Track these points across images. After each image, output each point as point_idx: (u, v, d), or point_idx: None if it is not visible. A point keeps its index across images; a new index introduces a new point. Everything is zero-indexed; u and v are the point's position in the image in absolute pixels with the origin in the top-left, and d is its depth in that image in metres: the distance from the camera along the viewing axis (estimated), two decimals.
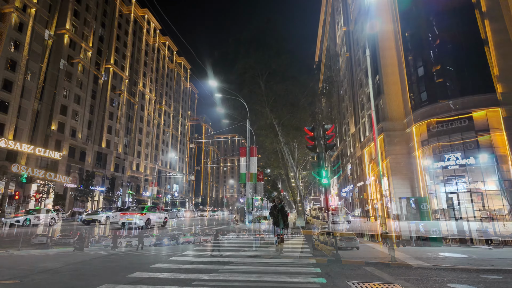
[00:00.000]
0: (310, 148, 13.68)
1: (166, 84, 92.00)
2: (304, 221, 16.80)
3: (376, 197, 34.88)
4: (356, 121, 44.74)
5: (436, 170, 25.69)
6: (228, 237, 12.37)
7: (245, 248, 9.11)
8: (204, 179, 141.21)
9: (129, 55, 72.40)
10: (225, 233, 14.83)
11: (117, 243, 11.33)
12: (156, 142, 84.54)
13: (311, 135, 13.70)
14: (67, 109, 51.66)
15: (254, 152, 22.73)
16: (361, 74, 39.84)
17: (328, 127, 13.56)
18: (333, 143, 13.61)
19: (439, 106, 25.39)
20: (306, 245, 9.91)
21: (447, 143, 24.89)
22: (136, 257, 8.87)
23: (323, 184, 13.71)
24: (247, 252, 8.78)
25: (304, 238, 11.48)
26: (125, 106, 69.18)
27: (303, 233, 13.53)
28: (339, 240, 23.94)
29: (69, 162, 50.49)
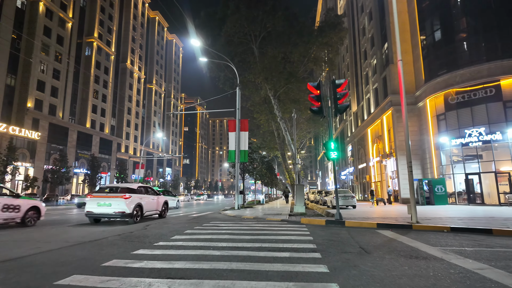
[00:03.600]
0: (314, 111, 10.27)
1: (156, 63, 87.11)
2: (303, 206, 13.54)
3: (382, 179, 31.89)
4: (358, 99, 41.25)
5: (453, 148, 22.52)
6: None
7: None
8: (199, 163, 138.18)
9: (115, 29, 67.35)
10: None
11: None
12: (147, 123, 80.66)
13: (317, 93, 10.26)
14: (45, 84, 47.41)
15: (245, 126, 19.27)
16: (366, 44, 36.03)
17: (339, 82, 10.11)
18: (346, 103, 10.20)
19: (460, 74, 21.94)
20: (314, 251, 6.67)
21: (468, 116, 21.61)
22: None
23: (331, 159, 10.36)
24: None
25: (307, 230, 8.15)
26: (112, 84, 64.81)
27: (303, 223, 10.25)
28: (334, 198, 20.99)
29: (50, 142, 46.82)
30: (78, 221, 12.07)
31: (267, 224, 10.51)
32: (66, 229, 9.36)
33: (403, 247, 5.90)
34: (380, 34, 31.40)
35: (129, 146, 71.14)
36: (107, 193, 11.23)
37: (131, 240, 6.88)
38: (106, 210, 10.60)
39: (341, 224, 9.81)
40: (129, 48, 72.36)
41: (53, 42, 49.21)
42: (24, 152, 43.01)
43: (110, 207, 10.59)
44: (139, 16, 78.45)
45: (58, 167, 29.45)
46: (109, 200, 10.70)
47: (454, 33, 23.16)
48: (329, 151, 10.50)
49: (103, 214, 10.66)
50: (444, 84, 22.85)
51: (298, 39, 23.03)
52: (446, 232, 8.15)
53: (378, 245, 6.16)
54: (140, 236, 7.51)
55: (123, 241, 6.84)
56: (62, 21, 51.44)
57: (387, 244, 6.37)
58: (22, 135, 41.98)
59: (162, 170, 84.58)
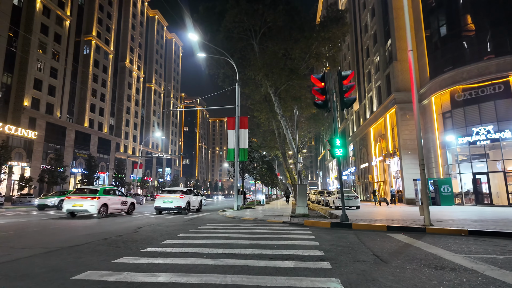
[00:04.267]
0: (319, 105, 9.56)
1: (156, 62, 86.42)
2: (306, 207, 12.83)
3: (385, 179, 31.16)
4: (360, 97, 40.53)
5: (459, 147, 21.79)
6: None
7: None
8: (199, 163, 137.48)
9: (114, 28, 66.66)
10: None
11: None
12: (147, 122, 79.96)
13: (321, 86, 9.54)
14: (42, 83, 46.71)
15: (244, 123, 18.55)
16: (369, 41, 35.31)
17: (346, 74, 9.39)
18: (352, 96, 9.48)
19: (467, 70, 21.20)
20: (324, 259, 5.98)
21: (475, 114, 20.87)
22: None
23: (337, 156, 9.65)
24: None
25: (311, 234, 7.44)
26: (110, 83, 64.13)
27: (307, 225, 9.53)
28: (337, 199, 20.34)
29: (47, 142, 46.11)
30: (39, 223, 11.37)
31: (268, 226, 9.80)
32: (45, 230, 8.65)
33: (423, 255, 5.18)
34: (383, 30, 30.68)
35: (128, 146, 70.46)
36: (168, 193, 16.57)
37: (116, 246, 6.17)
38: (168, 205, 15.87)
39: (347, 227, 9.10)
40: (128, 47, 71.67)
41: (50, 40, 48.53)
42: (20, 152, 42.33)
43: (171, 203, 15.86)
44: (138, 14, 77.79)
45: (54, 167, 28.69)
46: (171, 198, 16.05)
47: (461, 28, 22.43)
48: (334, 148, 9.78)
49: (167, 207, 15.93)
50: (450, 81, 22.13)
51: (299, 35, 22.30)
52: (465, 236, 7.42)
53: (394, 252, 5.44)
54: (128, 241, 6.80)
55: (107, 246, 6.13)
56: (59, 19, 50.76)
57: (403, 250, 5.65)
58: (18, 134, 41.28)
59: (161, 170, 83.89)
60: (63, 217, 14.28)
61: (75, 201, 13.28)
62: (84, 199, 13.33)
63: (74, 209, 13.35)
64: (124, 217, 14.35)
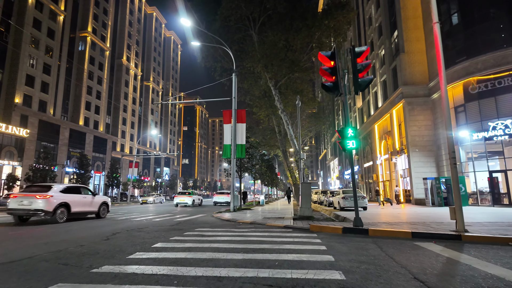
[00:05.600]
0: (328, 88, 8.03)
1: (153, 60, 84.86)
2: (310, 208, 11.30)
3: (391, 178, 29.63)
4: (364, 93, 38.98)
5: (474, 143, 20.25)
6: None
7: None
8: (199, 163, 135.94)
9: (111, 24, 65.13)
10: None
11: None
12: (144, 121, 78.40)
13: (330, 65, 8.00)
14: (35, 79, 45.17)
15: (242, 117, 17.00)
16: (373, 34, 33.76)
17: (360, 50, 7.87)
18: (368, 77, 7.95)
19: (482, 60, 19.66)
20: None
21: (492, 107, 19.34)
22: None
23: (349, 149, 8.13)
24: None
25: (321, 243, 5.90)
26: (107, 80, 62.60)
27: (313, 230, 7.97)
28: (342, 199, 18.78)
29: (40, 140, 44.58)
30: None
31: (268, 232, 8.27)
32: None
33: (485, 279, 3.65)
34: (389, 22, 29.14)
35: (125, 145, 68.95)
36: (184, 194, 28.10)
37: (65, 262, 4.63)
38: (185, 202, 26.71)
39: (363, 233, 7.57)
40: (125, 44, 70.15)
41: (44, 36, 46.99)
42: (11, 150, 40.82)
43: (186, 202, 26.61)
44: (135, 11, 76.28)
45: (43, 165, 27.19)
46: (186, 198, 27.00)
47: (474, 15, 20.90)
48: (345, 140, 8.26)
49: (183, 203, 26.80)
50: (463, 72, 20.59)
51: (301, 23, 20.78)
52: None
53: (441, 274, 3.92)
54: (86, 254, 5.26)
55: (52, 263, 4.60)
56: (53, 13, 49.22)
57: (452, 270, 4.13)
58: (9, 132, 39.75)
59: (159, 170, 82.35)
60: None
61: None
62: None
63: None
64: (106, 220, 12.82)
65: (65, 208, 11.62)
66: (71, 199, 11.98)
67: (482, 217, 11.25)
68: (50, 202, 10.97)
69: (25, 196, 11.05)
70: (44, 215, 10.86)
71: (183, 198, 27.02)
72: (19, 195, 11.19)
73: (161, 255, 5.09)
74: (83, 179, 34.04)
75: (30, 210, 10.77)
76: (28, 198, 10.91)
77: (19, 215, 11.18)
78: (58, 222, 11.19)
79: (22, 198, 10.99)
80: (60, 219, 11.36)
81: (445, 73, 20.85)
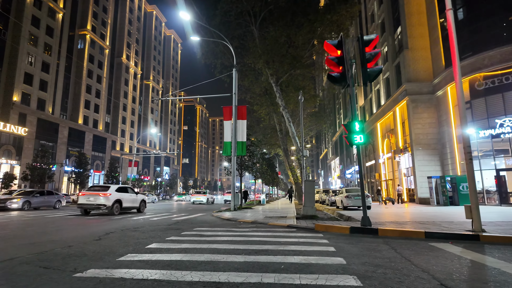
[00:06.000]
0: (334, 79, 7.56)
1: (153, 58, 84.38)
2: (314, 207, 10.85)
3: (394, 177, 29.15)
4: (366, 91, 38.50)
5: (480, 141, 19.77)
6: None
7: None
8: (199, 162, 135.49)
9: (110, 22, 64.65)
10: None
11: None
12: (144, 120, 77.91)
13: (337, 54, 7.52)
14: (33, 77, 44.71)
15: (243, 113, 16.53)
16: (375, 31, 33.26)
17: (369, 38, 7.40)
18: (378, 67, 7.48)
19: (489, 56, 19.18)
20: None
21: (499, 104, 18.85)
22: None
23: (356, 144, 7.67)
24: None
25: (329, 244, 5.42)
26: (106, 79, 62.14)
27: (318, 230, 7.51)
28: (346, 198, 18.15)
29: (38, 139, 44.14)
30: None
31: (270, 231, 7.81)
32: None
33: None
34: (392, 18, 28.66)
35: (125, 144, 68.49)
36: (199, 193, 33.56)
37: (46, 265, 4.18)
38: (200, 200, 30.96)
39: (372, 233, 7.10)
40: (124, 42, 69.67)
41: (42, 34, 46.50)
42: (9, 149, 40.41)
43: (201, 200, 30.69)
44: (135, 9, 75.81)
45: (40, 164, 26.71)
46: (200, 197, 31.31)
47: (480, 10, 20.41)
48: (352, 134, 7.79)
49: (199, 201, 30.83)
50: (469, 69, 20.09)
51: (303, 19, 20.33)
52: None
53: (471, 280, 3.46)
54: (72, 255, 4.80)
55: (33, 265, 4.14)
56: (52, 11, 48.75)
57: (481, 275, 3.67)
58: (7, 131, 39.32)
59: (159, 169, 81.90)
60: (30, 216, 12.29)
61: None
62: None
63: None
64: (103, 219, 12.37)
65: (118, 204, 14.49)
66: (122, 196, 14.92)
67: (492, 217, 10.79)
68: (109, 199, 13.92)
69: (91, 194, 13.98)
70: (105, 208, 13.79)
71: (199, 197, 31.76)
72: (86, 193, 14.19)
73: (155, 257, 4.62)
74: (82, 178, 33.55)
75: (94, 204, 13.80)
76: (94, 195, 13.89)
77: (85, 208, 14.06)
78: (114, 214, 14.05)
79: (88, 195, 13.98)
80: (116, 212, 14.25)
81: (451, 70, 20.32)
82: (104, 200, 13.76)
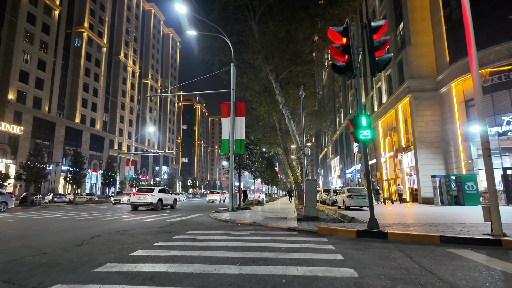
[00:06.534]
0: (339, 69, 6.95)
1: (152, 57, 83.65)
2: (316, 208, 10.26)
3: (396, 176, 28.56)
4: (367, 89, 37.88)
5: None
6: None
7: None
8: (198, 161, 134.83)
9: (108, 20, 63.90)
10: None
11: None
12: (143, 119, 77.18)
13: (343, 42, 6.90)
14: (29, 75, 44.02)
15: (241, 110, 15.91)
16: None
17: (377, 24, 6.79)
18: (387, 55, 6.87)
19: (495, 51, 18.58)
20: None
21: (506, 100, 18.26)
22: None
23: (362, 140, 7.07)
24: None
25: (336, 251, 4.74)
26: (104, 77, 61.44)
27: (322, 233, 6.91)
28: (348, 198, 17.38)
29: (34, 138, 43.46)
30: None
31: (270, 235, 7.19)
32: None
33: None
34: (394, 14, 28.02)
35: (123, 143, 67.79)
36: (214, 193, 38.32)
37: (7, 279, 3.56)
38: (214, 199, 35.42)
39: (381, 237, 6.49)
40: (122, 40, 68.94)
41: (38, 31, 45.82)
42: (4, 148, 39.79)
43: (215, 198, 35.30)
44: (133, 7, 75.04)
45: (33, 163, 26.05)
46: (215, 196, 36.17)
47: (486, 4, 19.80)
48: (359, 130, 7.18)
49: (213, 200, 35.03)
50: None
51: (303, 13, 19.69)
52: None
53: None
54: (43, 266, 4.18)
55: None
56: (48, 8, 48.04)
57: None
58: (2, 130, 38.73)
59: (158, 169, 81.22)
60: None
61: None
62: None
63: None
64: (92, 221, 11.74)
65: (160, 202, 18.51)
66: (163, 196, 19.01)
67: (505, 218, 10.16)
68: (154, 198, 18.07)
69: (141, 194, 18.19)
70: (151, 205, 17.98)
71: (213, 196, 36.13)
72: (137, 194, 18.38)
73: (136, 268, 4.00)
74: (78, 178, 32.89)
75: (143, 202, 17.99)
76: (143, 195, 18.06)
77: (136, 205, 18.37)
78: (157, 209, 18.10)
79: (139, 195, 18.17)
80: (159, 208, 18.40)
81: (455, 66, 19.79)
82: (151, 199, 17.80)
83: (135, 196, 18.17)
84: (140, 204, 17.96)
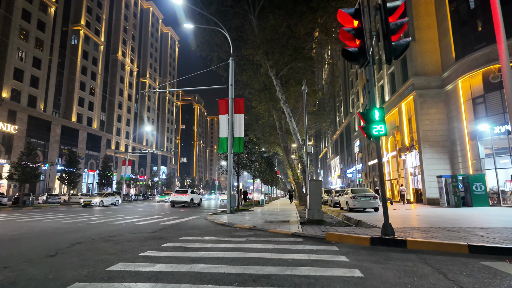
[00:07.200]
0: (351, 55, 6.20)
1: (150, 55, 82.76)
2: (321, 211, 9.48)
3: (399, 176, 27.82)
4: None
5: (495, 138, 18.44)
6: None
7: None
8: (197, 161, 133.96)
9: (105, 18, 63.01)
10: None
11: None
12: (141, 118, 76.30)
13: (355, 26, 6.12)
14: (24, 73, 43.13)
15: (240, 107, 15.12)
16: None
17: (393, 5, 6.01)
18: (405, 39, 6.11)
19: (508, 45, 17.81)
20: None
21: None
22: None
23: (375, 135, 6.29)
24: None
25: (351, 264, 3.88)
26: (101, 76, 60.54)
27: (331, 240, 6.14)
28: (352, 199, 16.32)
29: (29, 137, 42.59)
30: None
31: (272, 242, 6.39)
32: None
33: None
34: None
35: (120, 143, 66.88)
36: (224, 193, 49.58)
37: None
38: (181, 200, 24.77)
39: (399, 246, 5.70)
40: (120, 38, 68.05)
41: (33, 28, 44.93)
42: None
43: (183, 200, 24.73)
44: (131, 5, 74.15)
45: (26, 163, 25.22)
46: (183, 197, 24.88)
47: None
48: (371, 124, 6.42)
49: (179, 201, 24.86)
50: (483, 60, 18.76)
51: (305, 7, 18.91)
52: None
53: None
54: (12, 283, 3.39)
55: None
56: (43, 5, 47.16)
57: None
58: None
59: (156, 169, 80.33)
60: None
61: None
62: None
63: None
64: (80, 224, 10.93)
65: (192, 200, 23.89)
66: (193, 196, 24.46)
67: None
68: (188, 197, 23.55)
69: (178, 195, 23.87)
70: (186, 204, 23.47)
71: (224, 197, 39.19)
72: (175, 194, 24.09)
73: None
74: (73, 178, 32.04)
75: (179, 201, 23.55)
76: (180, 195, 23.74)
77: (174, 203, 23.89)
78: (190, 206, 23.53)
79: (177, 195, 23.85)
80: (191, 206, 23.79)
81: (461, 62, 19.02)
82: (186, 198, 23.36)
83: (174, 196, 23.71)
84: (177, 202, 23.44)
